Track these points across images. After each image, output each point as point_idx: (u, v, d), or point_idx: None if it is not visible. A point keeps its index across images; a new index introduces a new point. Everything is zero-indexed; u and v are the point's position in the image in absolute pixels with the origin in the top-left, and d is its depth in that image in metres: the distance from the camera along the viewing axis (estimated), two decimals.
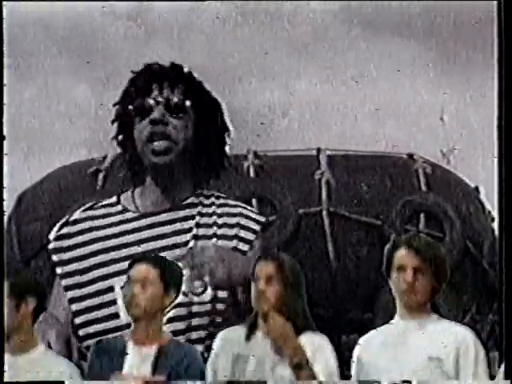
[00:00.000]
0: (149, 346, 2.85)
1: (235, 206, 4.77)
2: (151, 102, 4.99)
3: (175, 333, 3.45)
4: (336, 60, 5.59)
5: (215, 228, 4.62)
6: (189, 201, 4.80)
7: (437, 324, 2.85)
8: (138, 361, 2.83)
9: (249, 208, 4.82)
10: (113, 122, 5.25)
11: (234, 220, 4.70)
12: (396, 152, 5.53)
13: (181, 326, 3.72)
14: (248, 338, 2.84)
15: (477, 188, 5.51)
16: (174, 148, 4.80)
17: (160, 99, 4.86)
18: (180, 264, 3.32)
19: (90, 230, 5.43)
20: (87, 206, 5.72)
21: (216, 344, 2.90)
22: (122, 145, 5.37)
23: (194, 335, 3.69)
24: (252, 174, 5.56)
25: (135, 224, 4.92)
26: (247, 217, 4.62)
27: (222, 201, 4.92)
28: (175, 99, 4.84)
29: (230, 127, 4.84)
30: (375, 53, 5.55)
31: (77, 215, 5.34)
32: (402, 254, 2.83)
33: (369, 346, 2.91)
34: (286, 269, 2.89)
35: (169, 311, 3.07)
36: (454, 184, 5.52)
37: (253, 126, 5.70)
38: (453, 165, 5.51)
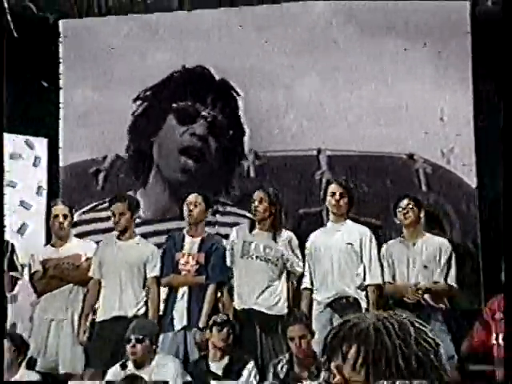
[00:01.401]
0: (196, 238, 4.93)
1: (242, 216, 5.38)
2: (200, 113, 5.21)
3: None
4: (337, 61, 5.61)
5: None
6: None
7: (350, 225, 4.88)
8: (190, 245, 4.91)
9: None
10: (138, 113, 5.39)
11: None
12: (396, 152, 5.55)
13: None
14: (250, 231, 4.90)
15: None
16: (199, 168, 5.48)
17: (208, 115, 5.21)
18: None
19: (94, 232, 5.49)
20: (88, 207, 5.73)
21: (232, 235, 4.98)
22: (136, 137, 5.46)
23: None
24: (252, 174, 5.60)
25: (141, 229, 5.22)
26: None
27: (228, 209, 5.62)
28: (223, 122, 5.50)
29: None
30: (375, 54, 5.57)
31: (76, 217, 5.36)
32: (333, 186, 4.88)
33: (314, 239, 4.91)
34: (269, 193, 4.85)
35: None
36: (454, 184, 5.54)
37: (253, 126, 5.76)
38: (453, 165, 5.53)
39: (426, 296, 4.77)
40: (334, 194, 4.87)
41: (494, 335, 4.57)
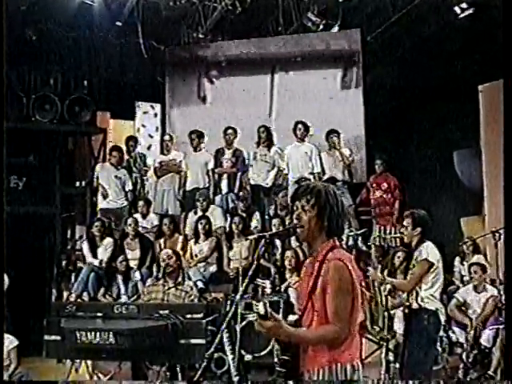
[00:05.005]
0: (230, 150, 9.84)
1: None
2: None
3: None
4: None
5: None
6: None
7: (306, 143, 9.72)
8: (227, 153, 9.81)
9: None
10: None
11: None
12: None
13: None
14: (257, 147, 9.85)
15: None
16: None
17: None
18: None
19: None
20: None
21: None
22: None
23: None
24: None
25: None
26: None
27: None
28: None
29: None
30: None
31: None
32: (299, 126, 9.79)
33: (289, 150, 9.79)
34: (268, 129, 10.00)
35: None
36: None
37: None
38: None
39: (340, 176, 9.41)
40: (299, 129, 9.53)
41: (372, 193, 9.26)
